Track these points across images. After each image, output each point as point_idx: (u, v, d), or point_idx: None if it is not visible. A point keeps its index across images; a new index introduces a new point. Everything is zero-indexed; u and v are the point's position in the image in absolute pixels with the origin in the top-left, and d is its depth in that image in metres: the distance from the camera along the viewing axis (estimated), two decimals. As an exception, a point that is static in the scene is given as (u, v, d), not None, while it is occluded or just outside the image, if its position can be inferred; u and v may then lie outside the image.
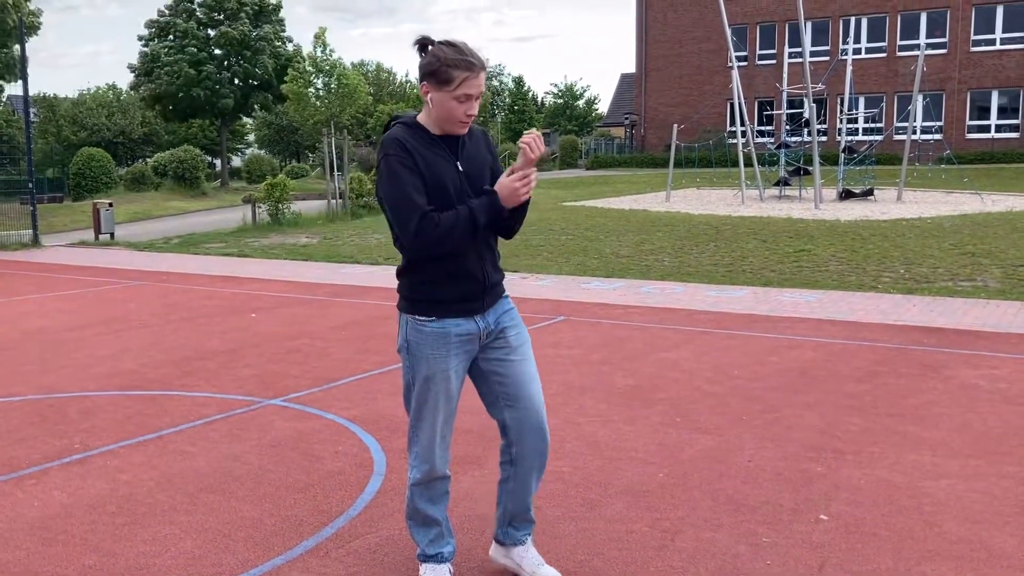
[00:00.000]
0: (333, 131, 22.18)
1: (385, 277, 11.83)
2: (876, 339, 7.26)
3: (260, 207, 20.53)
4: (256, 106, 40.58)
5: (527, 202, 2.90)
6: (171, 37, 37.73)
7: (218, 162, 48.49)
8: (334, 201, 21.88)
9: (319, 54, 21.13)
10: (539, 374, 3.09)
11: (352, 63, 59.08)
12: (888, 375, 6.08)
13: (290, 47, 38.69)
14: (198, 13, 37.89)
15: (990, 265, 10.99)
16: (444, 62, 2.73)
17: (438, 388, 2.92)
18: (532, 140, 2.76)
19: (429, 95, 2.79)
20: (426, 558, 3.12)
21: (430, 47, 2.80)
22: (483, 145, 2.98)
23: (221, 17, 37.92)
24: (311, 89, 21.24)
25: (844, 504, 3.81)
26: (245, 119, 51.45)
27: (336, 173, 22.30)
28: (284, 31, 39.57)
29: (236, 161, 58.02)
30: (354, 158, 40.81)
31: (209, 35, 37.84)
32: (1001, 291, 9.36)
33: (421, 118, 2.88)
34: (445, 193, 2.79)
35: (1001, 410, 5.19)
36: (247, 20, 37.46)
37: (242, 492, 4.07)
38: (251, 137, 65.14)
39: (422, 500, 3.07)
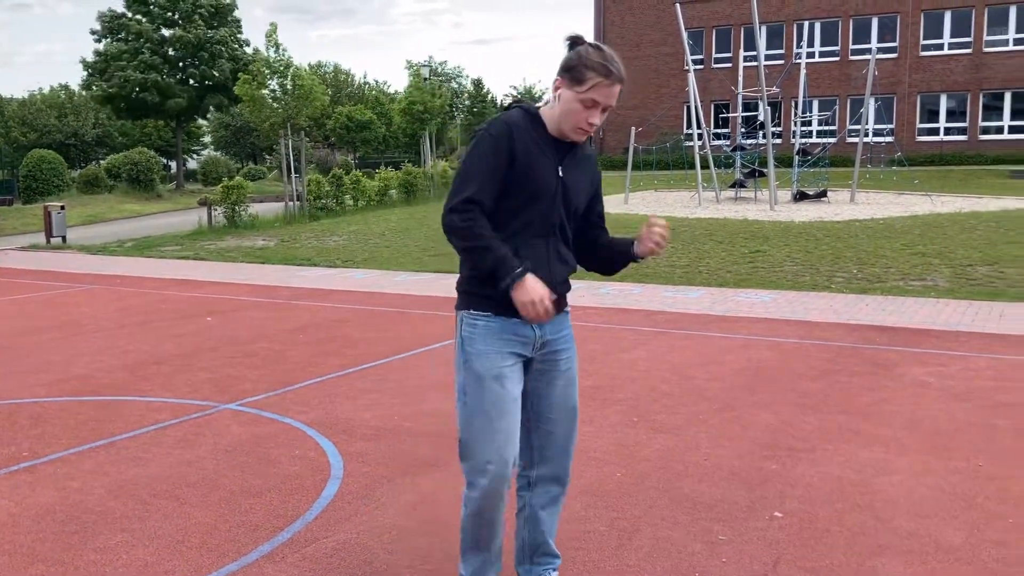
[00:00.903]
0: (290, 133, 21.98)
1: (344, 280, 11.76)
2: (830, 338, 7.37)
3: (216, 209, 20.29)
4: (212, 107, 40.08)
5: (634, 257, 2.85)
6: (123, 35, 37.09)
7: (173, 164, 47.83)
8: (292, 203, 21.70)
9: (271, 54, 20.90)
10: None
11: (309, 64, 58.73)
12: (841, 373, 6.17)
13: (248, 50, 38.27)
14: (153, 11, 37.31)
15: (940, 265, 11.21)
16: (583, 61, 2.65)
17: (493, 390, 2.70)
18: (660, 239, 2.73)
19: (560, 91, 2.70)
20: None
21: (578, 45, 2.71)
22: (590, 165, 2.87)
23: (176, 17, 37.40)
24: (266, 91, 20.99)
25: (798, 501, 3.86)
26: (201, 121, 50.75)
27: (294, 175, 22.11)
28: (241, 33, 39.15)
29: (192, 163, 57.28)
30: (312, 160, 40.51)
31: (164, 36, 37.29)
32: (950, 290, 9.55)
33: (543, 111, 2.77)
34: (538, 191, 2.69)
35: (950, 407, 5.30)
36: (202, 22, 36.98)
37: (196, 498, 4.02)
38: (207, 139, 64.34)
39: (476, 523, 2.79)
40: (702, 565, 3.27)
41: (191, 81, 37.92)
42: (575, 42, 2.73)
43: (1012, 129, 38.53)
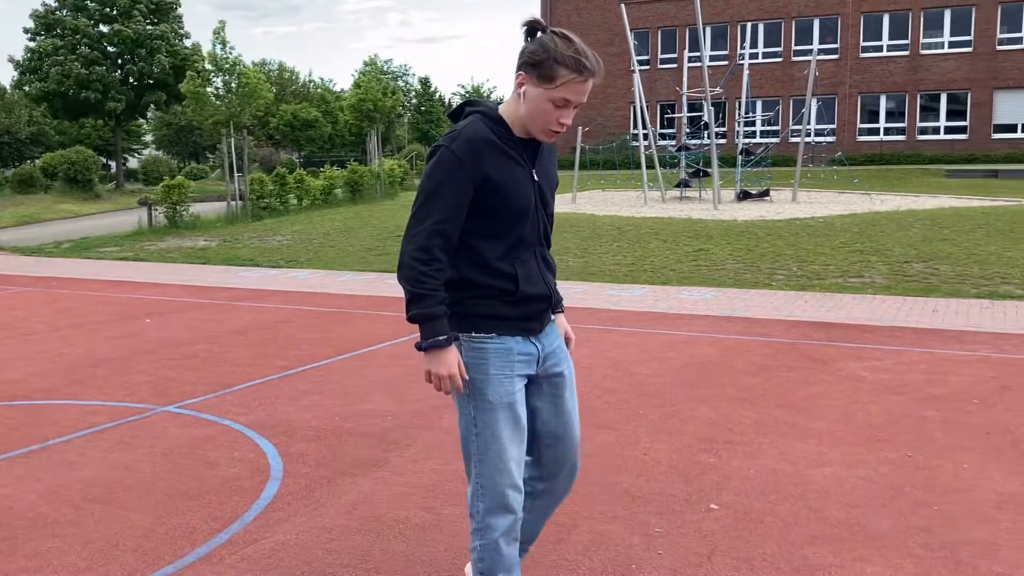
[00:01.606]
0: (233, 131, 21.68)
1: (286, 280, 11.64)
2: (769, 334, 7.50)
3: (157, 209, 19.94)
4: (151, 106, 39.37)
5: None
6: (58, 31, 36.24)
7: (113, 164, 46.88)
8: (234, 203, 21.41)
9: (218, 51, 20.60)
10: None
11: (253, 62, 57.98)
12: (779, 369, 6.29)
13: (188, 43, 37.65)
14: (90, 7, 36.53)
15: (877, 262, 11.47)
16: (552, 55, 2.38)
17: (508, 418, 2.53)
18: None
19: (524, 88, 2.43)
20: None
21: (540, 33, 2.44)
22: (553, 158, 2.67)
23: (114, 13, 36.66)
24: (210, 88, 20.68)
25: (734, 493, 3.93)
26: (141, 119, 49.82)
27: (236, 174, 21.82)
28: (182, 28, 38.52)
29: (133, 162, 56.20)
30: (255, 158, 40.00)
31: (102, 32, 36.51)
32: (887, 287, 9.78)
33: (504, 111, 2.52)
34: (522, 208, 2.50)
35: (883, 399, 5.43)
36: (141, 18, 36.30)
37: (132, 501, 3.95)
38: (148, 138, 63.19)
39: (501, 569, 2.58)
40: (639, 558, 3.31)
41: (130, 79, 37.22)
42: (534, 28, 2.46)
43: (948, 130, 39.56)
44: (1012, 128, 38.43)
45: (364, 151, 40.94)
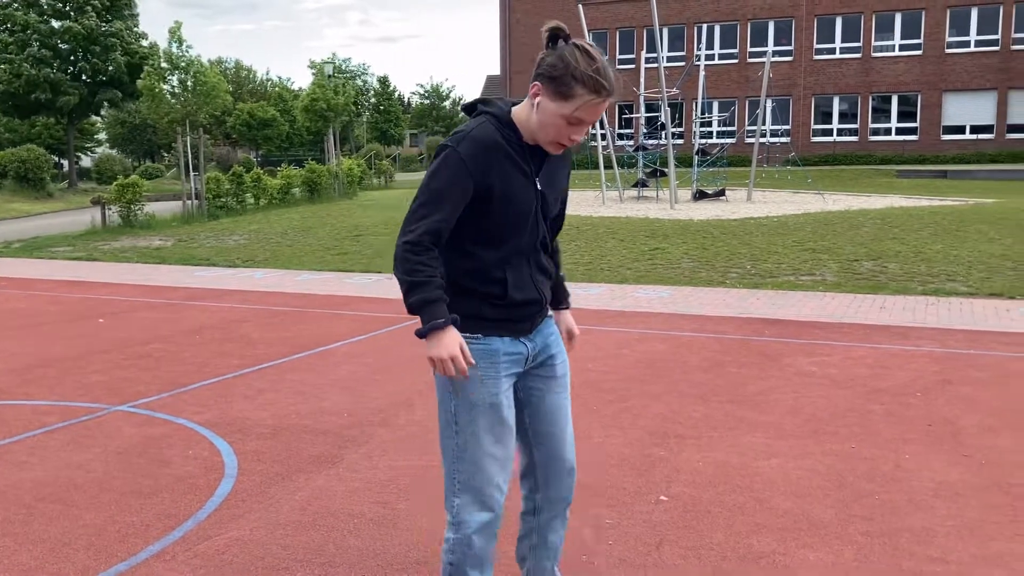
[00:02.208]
0: (189, 130, 21.45)
1: (242, 280, 11.58)
2: (722, 331, 7.63)
3: (111, 209, 19.67)
4: (105, 103, 38.76)
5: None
6: (8, 26, 35.53)
7: (65, 162, 46.08)
8: (190, 202, 21.19)
9: (175, 50, 20.38)
10: (402, 373, 3.07)
11: (210, 60, 57.32)
12: (731, 364, 6.41)
13: (144, 43, 37.13)
14: (42, 2, 35.88)
15: (828, 260, 11.69)
16: (571, 71, 2.33)
17: (489, 417, 2.52)
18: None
19: (539, 99, 2.39)
20: None
21: (561, 41, 2.38)
22: (564, 164, 2.62)
23: (67, 9, 36.04)
24: (166, 86, 20.45)
25: (683, 485, 4.02)
26: (94, 117, 49.01)
27: (192, 173, 21.59)
28: (137, 26, 37.96)
29: (86, 161, 55.27)
30: (212, 158, 39.57)
31: (54, 28, 35.85)
32: (837, 284, 9.98)
33: (517, 115, 2.47)
34: (520, 216, 2.49)
35: (830, 394, 5.57)
36: (95, 14, 35.72)
37: (84, 500, 3.94)
38: (102, 136, 62.18)
39: (471, 564, 2.58)
40: (589, 549, 3.38)
41: (83, 76, 36.61)
42: (555, 36, 2.39)
43: (899, 131, 40.36)
44: (960, 129, 39.32)
45: (322, 150, 40.70)
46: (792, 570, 3.21)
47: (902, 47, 39.97)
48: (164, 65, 20.50)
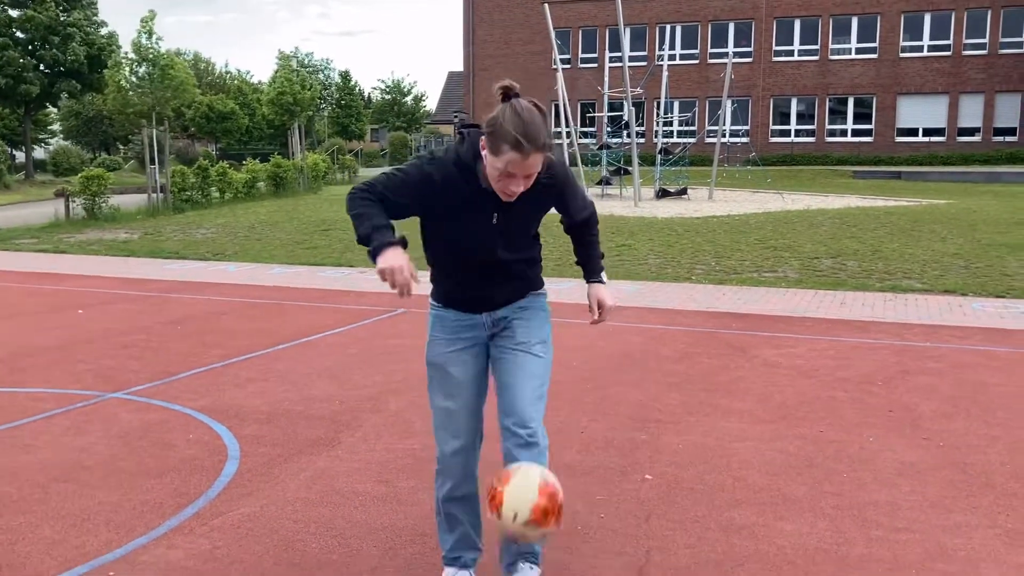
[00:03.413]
0: (154, 123, 21.34)
1: (216, 273, 11.65)
2: (691, 324, 7.93)
3: (75, 201, 19.51)
4: (64, 94, 38.22)
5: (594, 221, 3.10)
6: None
7: (19, 154, 45.29)
8: (155, 195, 21.09)
9: (144, 41, 20.25)
10: (386, 362, 3.31)
11: (168, 50, 56.67)
12: (701, 356, 6.71)
13: (103, 32, 36.67)
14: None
15: (789, 258, 12.08)
16: (497, 130, 2.54)
17: (440, 375, 2.93)
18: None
19: (484, 152, 2.62)
20: (447, 561, 3.06)
21: (508, 99, 2.60)
22: (537, 192, 2.72)
23: (25, -2, 35.52)
24: (133, 78, 20.32)
25: (665, 465, 4.29)
26: (50, 108, 48.22)
27: (156, 166, 21.47)
28: (96, 15, 37.49)
29: (39, 152, 54.33)
30: (172, 151, 39.20)
31: (12, 17, 35.27)
32: (799, 280, 10.35)
33: (483, 158, 2.66)
34: (469, 246, 2.78)
35: (797, 383, 5.88)
36: (54, 4, 35.20)
37: (95, 480, 4.10)
38: (56, 127, 61.11)
39: (443, 498, 3.00)
40: (583, 521, 3.63)
41: (41, 66, 36.08)
42: (506, 94, 2.61)
43: (855, 132, 41.22)
44: (914, 132, 40.30)
45: (284, 144, 40.50)
46: (771, 539, 3.48)
47: (858, 50, 40.84)
48: (132, 56, 20.31)
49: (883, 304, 8.83)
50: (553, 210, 2.94)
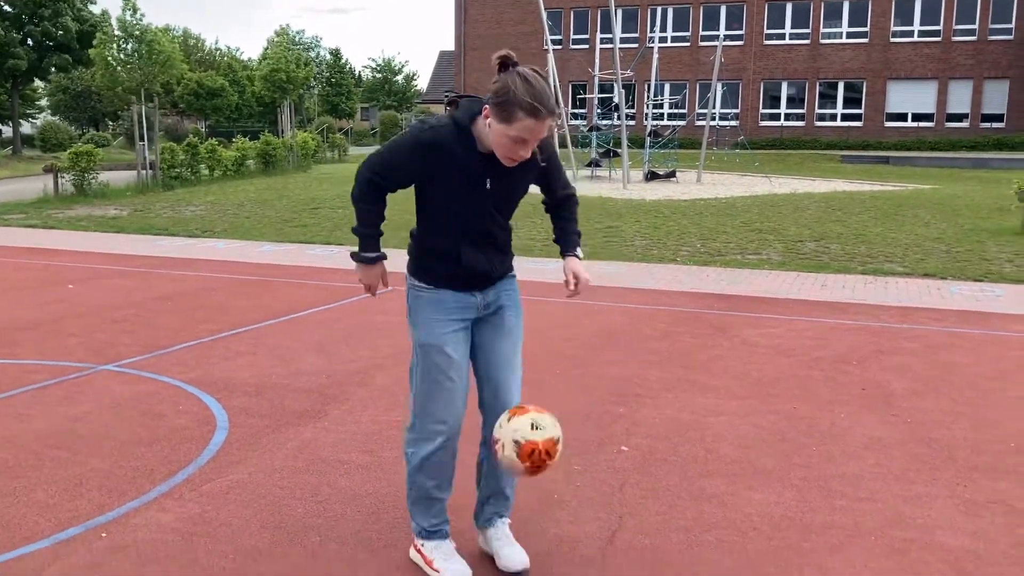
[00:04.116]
0: (143, 99, 21.29)
1: (206, 249, 11.73)
2: (674, 304, 8.07)
3: (64, 177, 19.50)
4: (53, 69, 37.99)
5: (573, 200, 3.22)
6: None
7: (6, 128, 45.02)
8: (144, 172, 21.08)
9: (128, 17, 20.17)
10: (373, 338, 3.44)
11: (157, 27, 56.30)
12: (683, 335, 6.85)
13: (95, 9, 36.42)
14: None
15: (774, 240, 12.23)
16: (511, 98, 2.61)
17: (437, 357, 2.92)
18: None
19: (489, 121, 2.69)
20: (428, 535, 3.09)
21: (509, 68, 2.68)
22: (534, 164, 2.87)
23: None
24: (120, 54, 20.24)
25: (641, 437, 4.44)
26: (38, 82, 47.88)
27: (146, 143, 21.45)
28: (86, -9, 37.26)
29: (26, 128, 53.97)
30: (161, 128, 39.03)
31: (-2, -10, 35.05)
32: (782, 263, 10.50)
33: (479, 125, 2.75)
34: (463, 208, 2.83)
35: (775, 361, 6.04)
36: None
37: (88, 448, 4.22)
38: (44, 102, 60.69)
39: (425, 477, 3.02)
40: (560, 490, 3.77)
41: (29, 40, 35.84)
42: (504, 63, 2.69)
43: (844, 117, 41.36)
44: (903, 117, 40.46)
45: (274, 122, 40.40)
46: (739, 508, 3.63)
47: (849, 35, 40.92)
48: (117, 33, 20.22)
49: (863, 286, 8.99)
50: (535, 190, 3.06)
